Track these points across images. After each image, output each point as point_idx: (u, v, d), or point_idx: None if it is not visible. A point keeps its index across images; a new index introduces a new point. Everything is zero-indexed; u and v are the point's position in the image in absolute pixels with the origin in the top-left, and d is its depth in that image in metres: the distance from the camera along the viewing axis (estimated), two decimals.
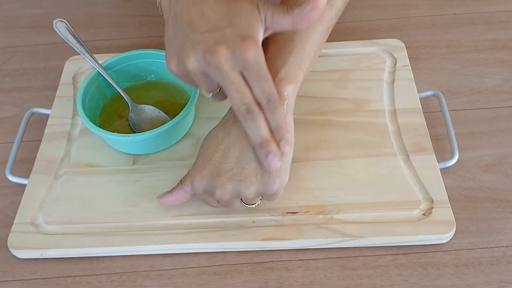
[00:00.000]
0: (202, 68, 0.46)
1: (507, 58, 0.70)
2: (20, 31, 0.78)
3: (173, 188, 0.54)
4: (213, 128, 0.53)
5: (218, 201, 0.52)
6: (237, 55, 0.45)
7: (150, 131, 0.56)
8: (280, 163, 0.48)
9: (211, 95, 0.50)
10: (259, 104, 0.47)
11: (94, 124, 0.57)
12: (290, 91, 0.50)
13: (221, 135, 0.51)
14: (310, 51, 0.53)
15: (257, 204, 0.53)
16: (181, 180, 0.54)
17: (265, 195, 0.51)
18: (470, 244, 0.53)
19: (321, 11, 0.46)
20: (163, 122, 0.58)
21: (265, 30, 0.48)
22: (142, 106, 0.61)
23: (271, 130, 0.48)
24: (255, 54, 0.45)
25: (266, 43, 0.52)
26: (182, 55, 0.46)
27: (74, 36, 0.61)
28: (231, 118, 0.52)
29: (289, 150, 0.48)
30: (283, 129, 0.47)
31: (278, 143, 0.48)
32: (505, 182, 0.58)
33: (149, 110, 0.61)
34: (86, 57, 0.61)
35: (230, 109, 0.53)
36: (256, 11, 0.47)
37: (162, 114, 0.61)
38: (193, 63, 0.46)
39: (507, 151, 0.60)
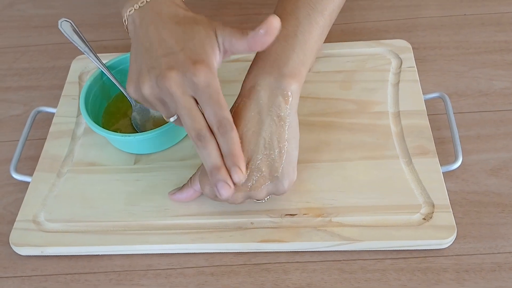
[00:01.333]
0: (156, 94, 0.47)
1: None
2: (32, 30, 0.79)
3: (183, 186, 0.55)
4: None
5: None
6: (188, 78, 0.46)
7: (151, 131, 0.56)
8: (231, 192, 0.48)
9: (171, 120, 0.50)
10: (212, 130, 0.47)
11: (97, 123, 0.58)
12: (293, 89, 0.50)
13: None
14: (313, 46, 0.53)
15: (265, 200, 0.53)
16: (190, 178, 0.54)
17: (275, 194, 0.52)
18: (472, 250, 0.52)
19: (276, 33, 0.46)
20: (165, 122, 0.58)
21: (224, 53, 0.48)
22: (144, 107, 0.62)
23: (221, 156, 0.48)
24: (206, 78, 0.45)
25: None
26: (139, 80, 0.48)
27: (79, 35, 0.62)
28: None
29: (242, 177, 0.48)
30: (235, 155, 0.47)
31: (230, 171, 0.48)
32: (510, 186, 0.56)
33: (152, 110, 0.62)
34: (91, 56, 0.62)
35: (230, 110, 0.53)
36: (212, 35, 0.47)
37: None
38: (147, 89, 0.47)
39: None
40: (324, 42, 0.55)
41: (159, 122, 0.60)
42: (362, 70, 0.65)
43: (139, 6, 0.50)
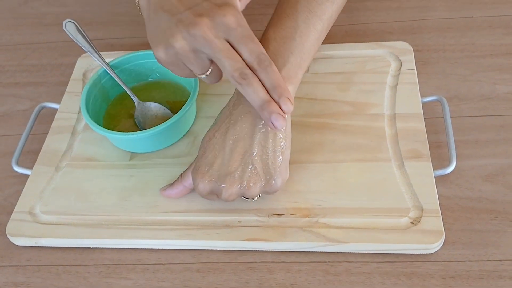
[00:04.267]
0: (189, 44, 0.47)
1: None
2: (44, 28, 0.82)
3: (174, 182, 0.56)
4: (210, 129, 0.53)
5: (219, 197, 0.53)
6: (218, 21, 0.46)
7: (147, 129, 0.57)
8: (285, 122, 0.48)
9: (204, 76, 0.50)
10: (251, 68, 0.47)
11: (99, 124, 0.59)
12: (290, 91, 0.50)
13: (219, 137, 0.52)
14: (310, 49, 0.53)
15: (256, 198, 0.53)
16: (181, 174, 0.55)
17: (267, 192, 0.52)
18: (460, 256, 0.51)
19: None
20: (168, 120, 0.59)
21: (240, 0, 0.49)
22: (148, 104, 0.63)
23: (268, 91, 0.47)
24: (235, 18, 0.46)
25: (266, 40, 0.52)
26: (167, 38, 0.47)
27: (83, 35, 0.63)
28: (227, 118, 0.52)
29: (291, 106, 0.48)
30: (279, 86, 0.47)
31: (279, 103, 0.47)
32: (505, 193, 0.55)
33: (155, 108, 0.63)
34: (94, 56, 0.63)
35: (224, 108, 0.54)
36: None
37: (168, 111, 0.63)
38: (179, 42, 0.46)
39: None
40: (326, 43, 0.55)
41: (162, 120, 0.61)
42: (361, 71, 0.65)
43: None
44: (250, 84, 0.47)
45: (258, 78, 0.47)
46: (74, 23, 0.63)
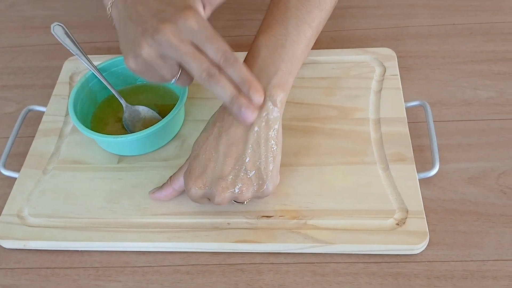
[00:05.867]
0: (156, 50, 0.48)
1: (504, 70, 0.69)
2: (31, 31, 0.82)
3: (163, 185, 0.56)
4: (202, 133, 0.54)
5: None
6: (181, 26, 0.47)
7: (136, 132, 0.58)
8: (256, 113, 0.49)
9: (174, 80, 0.51)
10: (219, 67, 0.48)
11: (87, 127, 0.59)
12: (281, 98, 0.51)
13: (212, 141, 0.52)
14: (300, 56, 0.54)
15: (246, 202, 0.54)
16: (170, 177, 0.56)
17: (258, 197, 0.53)
18: (444, 256, 0.53)
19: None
20: (156, 123, 0.59)
21: (204, 6, 0.50)
22: (136, 107, 0.63)
23: (237, 87, 0.48)
24: (197, 20, 0.47)
25: (257, 47, 0.53)
26: (135, 47, 0.48)
27: (71, 39, 0.64)
28: (219, 122, 0.52)
29: (261, 98, 0.49)
30: (248, 79, 0.48)
31: (249, 96, 0.48)
32: (487, 195, 0.57)
33: (143, 111, 0.63)
34: (82, 59, 0.63)
35: (217, 112, 0.54)
36: None
37: (156, 114, 0.63)
38: (146, 49, 0.48)
39: (493, 165, 0.59)
40: (312, 49, 0.56)
41: (149, 123, 0.61)
42: (346, 77, 0.66)
43: None
44: (218, 82, 0.48)
45: (227, 76, 0.48)
46: (62, 27, 0.64)
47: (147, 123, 0.62)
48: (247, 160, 0.51)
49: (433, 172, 0.57)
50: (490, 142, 0.62)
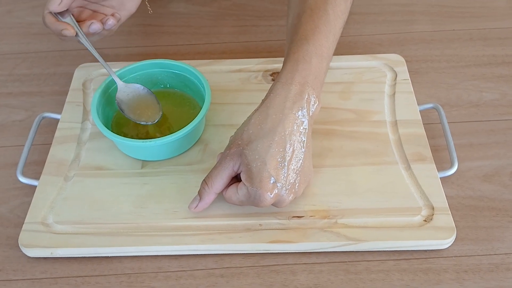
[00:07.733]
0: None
1: (505, 73, 0.72)
2: (32, 37, 0.80)
3: (199, 192, 0.55)
4: (257, 140, 0.52)
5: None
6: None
7: (165, 136, 0.57)
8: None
9: None
10: None
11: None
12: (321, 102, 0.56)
13: (276, 148, 0.52)
14: (328, 67, 0.58)
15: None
16: (204, 181, 0.54)
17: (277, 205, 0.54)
18: (470, 251, 0.55)
19: None
20: (151, 101, 0.60)
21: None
22: (130, 85, 0.62)
23: None
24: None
25: (309, 54, 0.55)
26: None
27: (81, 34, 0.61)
28: (278, 128, 0.53)
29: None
30: None
31: None
32: (503, 192, 0.59)
33: (138, 89, 0.62)
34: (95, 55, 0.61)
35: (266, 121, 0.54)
36: None
37: (151, 93, 0.62)
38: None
39: (504, 163, 0.62)
40: None
41: (144, 100, 0.62)
42: (359, 81, 0.68)
43: None
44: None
45: None
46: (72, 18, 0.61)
47: (142, 100, 0.62)
48: (299, 166, 0.53)
49: (453, 170, 0.59)
50: (498, 141, 0.64)
